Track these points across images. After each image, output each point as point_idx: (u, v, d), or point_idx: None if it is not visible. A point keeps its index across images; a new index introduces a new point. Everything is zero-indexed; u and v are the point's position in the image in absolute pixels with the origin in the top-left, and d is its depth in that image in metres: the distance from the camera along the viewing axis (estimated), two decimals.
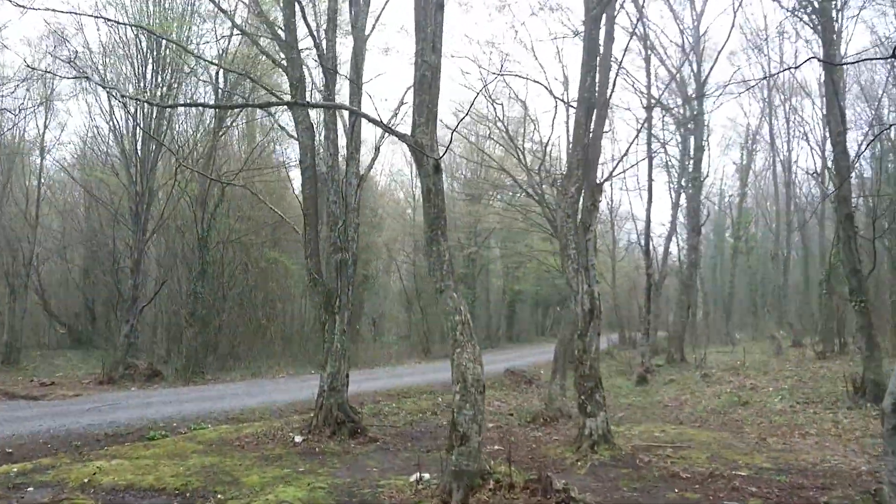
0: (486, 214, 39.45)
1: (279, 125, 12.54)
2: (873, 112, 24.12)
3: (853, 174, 21.72)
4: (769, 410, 12.82)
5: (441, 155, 6.86)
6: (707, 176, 23.61)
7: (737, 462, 8.53)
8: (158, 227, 21.92)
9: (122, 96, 17.15)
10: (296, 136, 12.45)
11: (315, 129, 11.49)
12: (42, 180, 26.63)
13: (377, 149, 12.48)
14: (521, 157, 23.21)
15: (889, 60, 19.48)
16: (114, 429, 12.39)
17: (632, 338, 34.84)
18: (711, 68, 22.50)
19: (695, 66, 22.30)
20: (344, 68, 11.84)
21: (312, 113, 11.44)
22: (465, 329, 6.71)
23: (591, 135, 10.35)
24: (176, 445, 10.28)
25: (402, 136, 7.11)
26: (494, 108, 22.24)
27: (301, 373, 25.06)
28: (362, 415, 12.01)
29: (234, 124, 23.94)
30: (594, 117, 10.50)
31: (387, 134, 12.72)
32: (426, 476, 7.22)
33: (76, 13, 14.50)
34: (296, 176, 33.81)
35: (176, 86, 21.72)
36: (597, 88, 10.47)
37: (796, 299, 32.65)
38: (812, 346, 22.49)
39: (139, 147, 20.74)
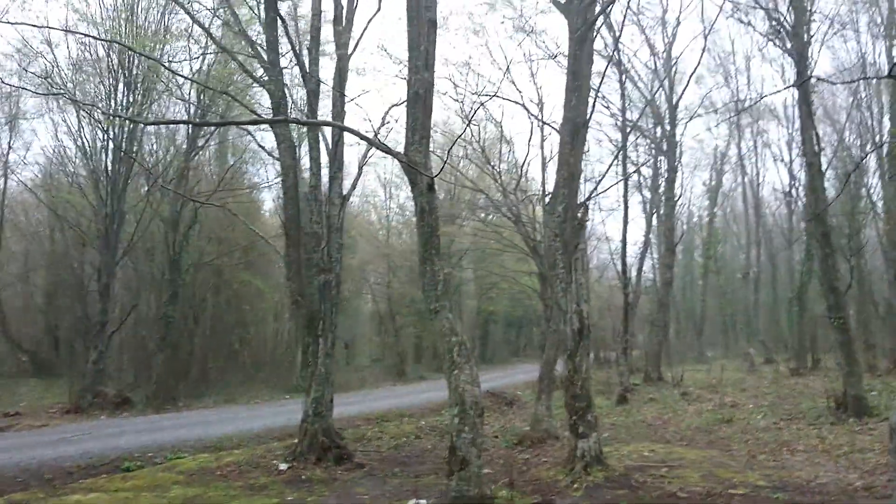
0: (460, 235, 39.51)
1: (259, 144, 12.33)
2: (837, 134, 24.82)
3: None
4: (753, 427, 12.85)
5: (436, 174, 6.76)
6: (680, 196, 23.96)
7: (731, 481, 8.47)
8: (129, 249, 21.39)
9: (104, 114, 16.69)
10: (276, 155, 12.30)
11: (296, 149, 11.30)
12: (5, 202, 25.94)
13: (360, 168, 12.35)
14: (498, 177, 23.30)
15: (851, 84, 20.04)
16: (87, 460, 11.90)
17: (606, 357, 34.92)
18: (683, 91, 22.89)
19: (667, 90, 22.69)
20: (325, 88, 11.71)
21: (293, 132, 11.26)
22: (462, 350, 6.57)
23: (574, 155, 10.36)
24: (155, 477, 9.89)
25: (395, 154, 6.99)
26: (470, 130, 22.32)
27: (275, 398, 24.56)
28: (347, 440, 11.73)
29: (206, 144, 23.55)
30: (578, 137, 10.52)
31: (367, 154, 12.63)
32: (423, 503, 7.01)
33: (48, 27, 14.08)
34: (267, 198, 33.62)
35: (147, 104, 21.34)
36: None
37: (766, 317, 33.15)
38: (786, 363, 22.76)
39: (109, 167, 20.27)
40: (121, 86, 20.66)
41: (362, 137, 6.99)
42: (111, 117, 16.65)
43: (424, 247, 6.79)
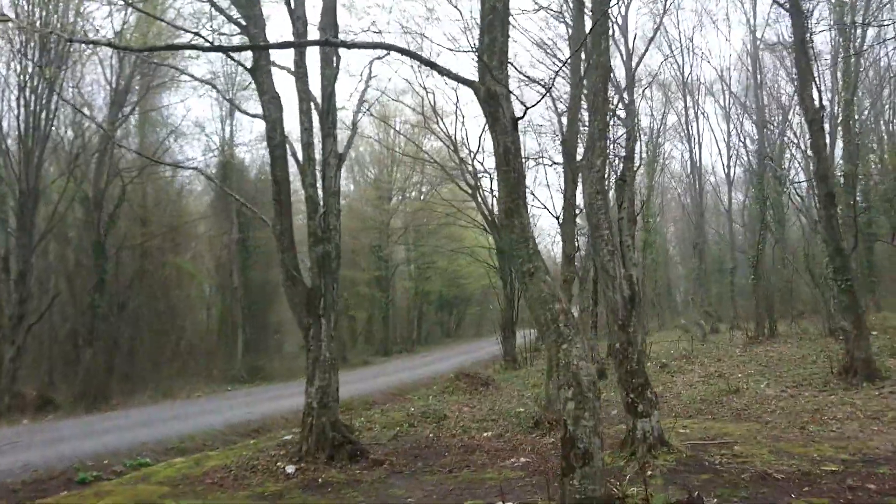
0: (397, 213, 38.09)
1: (227, 100, 10.56)
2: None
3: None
4: (765, 397, 12.35)
5: (534, 104, 5.50)
6: (639, 166, 23.49)
7: (809, 456, 7.74)
8: (49, 231, 18.82)
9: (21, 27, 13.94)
10: (246, 111, 10.63)
11: (281, 101, 9.69)
12: None
13: (354, 125, 10.81)
14: (455, 146, 22.12)
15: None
16: (30, 474, 10.00)
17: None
18: (641, 58, 22.30)
19: (624, 55, 22.07)
20: (312, 30, 10.11)
21: (277, 83, 9.65)
22: (570, 320, 5.40)
23: (606, 103, 9.31)
24: (135, 490, 8.22)
25: (469, 82, 5.68)
26: (428, 96, 21.03)
27: (218, 391, 22.57)
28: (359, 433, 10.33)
29: (132, 112, 21.08)
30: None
31: (359, 108, 11.13)
32: None
33: None
34: (190, 177, 30.94)
35: (65, 69, 18.73)
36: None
37: (711, 287, 33.69)
38: (741, 332, 22.87)
39: (24, 137, 17.64)
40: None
41: (413, 56, 5.63)
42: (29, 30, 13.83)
43: (510, 196, 5.54)
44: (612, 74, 23.00)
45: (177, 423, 14.70)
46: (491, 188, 23.33)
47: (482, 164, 22.80)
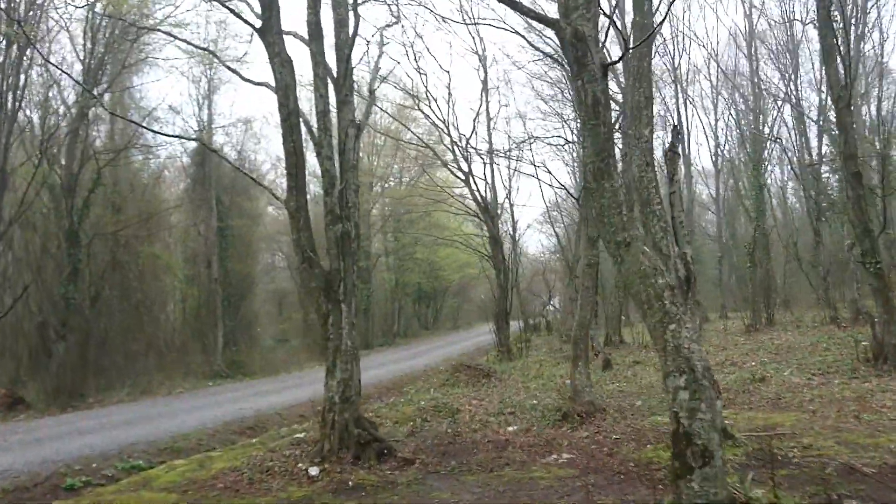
0: (377, 202, 37.10)
1: (227, 67, 9.57)
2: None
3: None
4: (794, 385, 11.84)
5: (636, 45, 4.72)
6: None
7: (881, 446, 7.17)
8: (18, 217, 17.51)
9: None
10: (253, 79, 9.68)
11: (293, 66, 8.77)
12: None
13: (371, 92, 9.90)
14: (447, 128, 21.28)
15: None
16: (12, 481, 8.97)
17: (538, 324, 34.04)
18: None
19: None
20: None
21: (287, 46, 8.71)
22: (676, 296, 4.66)
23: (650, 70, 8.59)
24: (139, 499, 7.28)
25: (552, 23, 4.89)
26: (421, 77, 20.12)
27: (199, 386, 21.49)
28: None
29: (106, 91, 19.77)
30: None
31: (375, 73, 10.26)
32: None
33: None
34: (163, 163, 29.52)
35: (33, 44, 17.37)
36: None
37: (701, 276, 33.50)
38: (742, 320, 22.53)
39: None
40: None
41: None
42: None
43: (599, 155, 4.78)
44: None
45: (164, 422, 13.70)
46: (483, 174, 22.58)
47: (475, 148, 21.85)
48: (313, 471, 7.57)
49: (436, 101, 20.84)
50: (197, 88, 25.02)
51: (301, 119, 8.78)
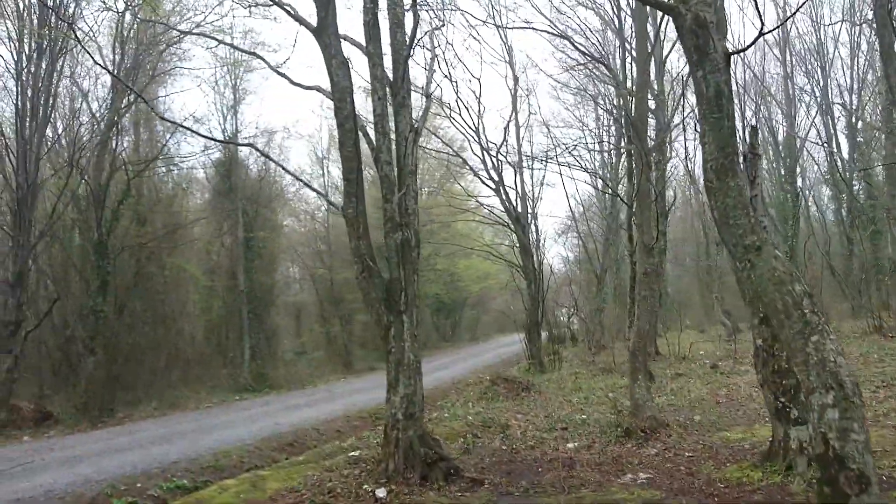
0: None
1: (276, 71, 9.27)
2: None
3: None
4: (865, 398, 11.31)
5: (761, 33, 4.36)
6: (669, 158, 22.46)
7: None
8: (49, 228, 17.27)
9: None
10: (300, 84, 9.37)
11: (349, 67, 8.45)
12: None
13: (428, 96, 9.56)
14: (477, 137, 20.93)
15: None
16: (57, 502, 8.61)
17: (563, 335, 33.46)
18: None
19: None
20: None
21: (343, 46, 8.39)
22: (817, 305, 4.24)
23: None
24: None
25: (668, 9, 4.52)
26: (452, 85, 19.83)
27: (227, 400, 21.12)
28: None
29: (134, 102, 19.56)
30: None
31: (430, 77, 9.92)
32: None
33: None
34: (187, 173, 29.30)
35: (63, 55, 17.22)
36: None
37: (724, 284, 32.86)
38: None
39: (20, 127, 16.09)
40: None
41: None
42: None
43: (723, 151, 4.40)
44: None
45: (200, 438, 13.32)
46: (514, 182, 22.21)
47: (505, 157, 21.48)
48: (380, 492, 7.15)
49: (467, 109, 20.41)
50: (222, 99, 24.82)
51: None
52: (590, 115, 28.78)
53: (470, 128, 20.52)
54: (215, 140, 15.01)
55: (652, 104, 14.05)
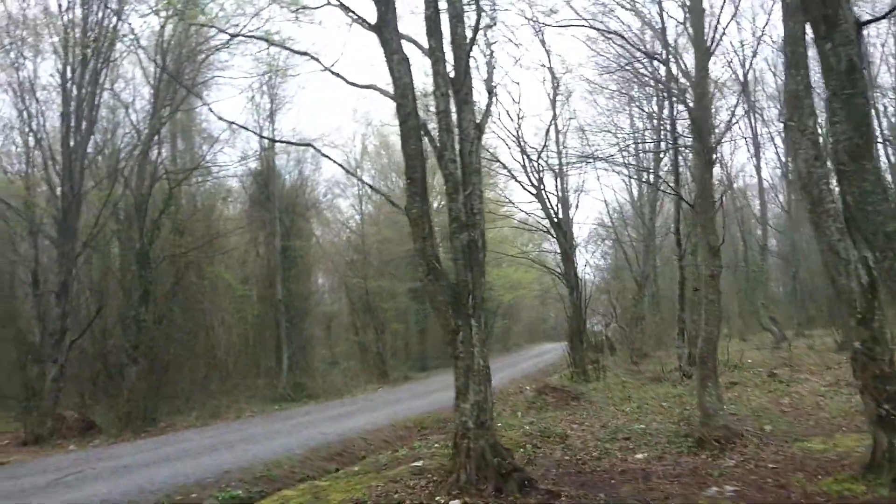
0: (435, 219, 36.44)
1: (331, 71, 9.05)
2: None
3: None
4: None
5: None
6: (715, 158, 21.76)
7: None
8: (92, 238, 17.27)
9: None
10: (355, 83, 9.13)
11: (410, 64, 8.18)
12: None
13: (490, 91, 9.27)
14: (519, 141, 20.59)
15: None
16: None
17: (601, 344, 32.86)
18: None
19: None
20: None
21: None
22: None
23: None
24: None
25: None
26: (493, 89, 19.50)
27: (266, 409, 20.95)
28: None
29: (176, 110, 19.59)
30: None
31: (490, 71, 9.62)
32: None
33: None
34: (221, 183, 29.32)
35: (105, 66, 17.26)
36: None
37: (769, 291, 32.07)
38: (833, 336, 21.23)
39: (66, 137, 16.13)
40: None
41: None
42: None
43: (858, 129, 4.04)
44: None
45: (248, 447, 13.08)
46: (556, 188, 21.83)
47: (546, 161, 21.11)
48: None
49: (507, 113, 20.12)
50: (258, 108, 24.81)
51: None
52: (626, 118, 28.44)
53: (510, 133, 20.18)
54: (276, 140, 14.95)
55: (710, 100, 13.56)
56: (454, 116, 8.24)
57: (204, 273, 23.40)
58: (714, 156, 11.21)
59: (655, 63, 14.95)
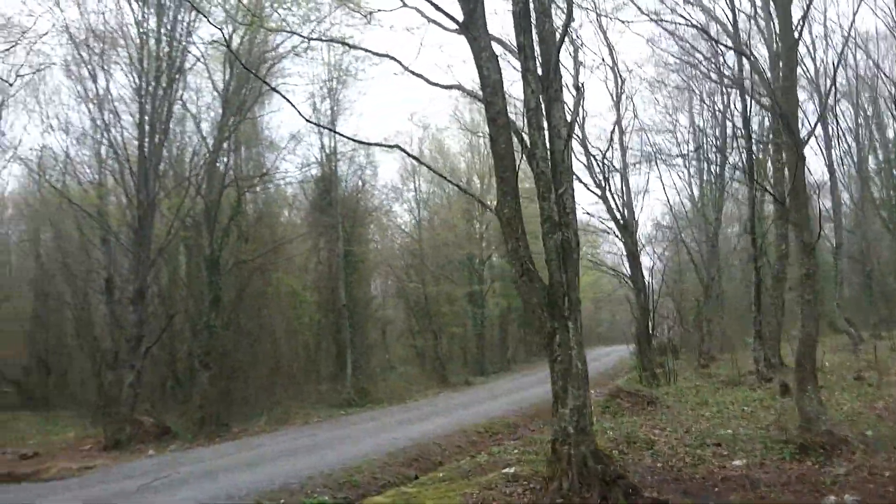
0: (491, 224, 36.22)
1: (410, 71, 8.97)
2: None
3: None
4: None
5: None
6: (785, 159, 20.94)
7: None
8: (166, 244, 17.63)
9: None
10: (441, 83, 9.02)
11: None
12: None
13: (579, 89, 9.09)
14: (586, 143, 20.26)
15: None
16: None
17: (661, 344, 32.13)
18: None
19: None
20: None
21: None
22: None
23: None
24: None
25: None
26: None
27: (332, 415, 21.01)
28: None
29: (244, 118, 19.88)
30: None
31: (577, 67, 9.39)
32: None
33: None
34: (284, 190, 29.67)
35: (178, 77, 17.64)
36: None
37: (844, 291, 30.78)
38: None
39: (140, 146, 16.52)
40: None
41: None
42: None
43: None
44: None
45: (324, 452, 13.10)
46: (621, 188, 21.41)
47: (611, 162, 20.72)
48: None
49: (570, 112, 19.74)
50: (319, 116, 25.03)
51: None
52: (686, 117, 27.78)
53: (576, 136, 19.87)
54: (360, 142, 15.14)
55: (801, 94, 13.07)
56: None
57: (269, 279, 23.67)
58: (804, 152, 10.74)
59: (723, 59, 14.54)
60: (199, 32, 19.50)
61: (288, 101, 8.12)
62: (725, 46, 12.97)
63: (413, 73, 9.06)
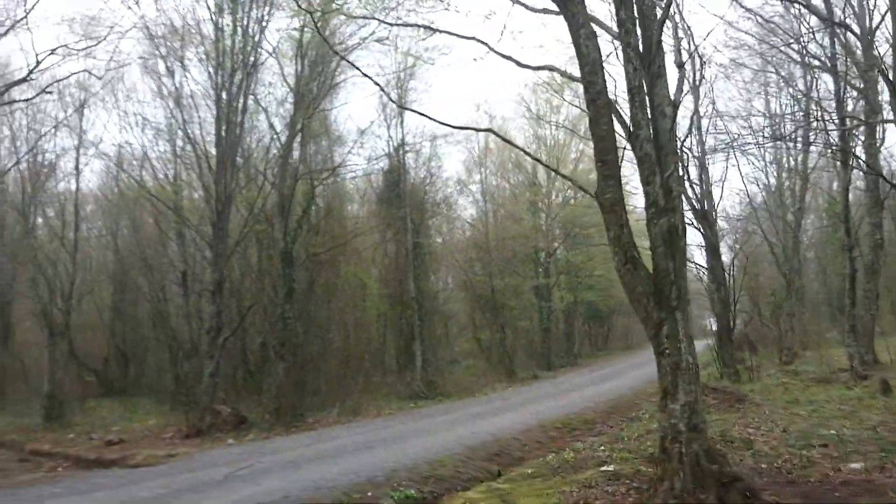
0: (557, 217, 35.67)
1: (499, 53, 8.62)
2: None
3: None
4: None
5: None
6: (882, 142, 19.75)
7: None
8: (243, 237, 17.84)
9: None
10: (529, 65, 8.66)
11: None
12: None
13: (680, 66, 8.61)
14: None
15: None
16: None
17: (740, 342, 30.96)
18: None
19: None
20: None
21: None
22: None
23: None
24: None
25: None
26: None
27: (403, 407, 20.96)
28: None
29: (315, 111, 19.94)
30: None
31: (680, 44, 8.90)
32: None
33: None
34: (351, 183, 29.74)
35: (252, 71, 17.79)
36: None
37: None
38: None
39: (219, 141, 16.73)
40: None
41: None
42: None
43: None
44: None
45: (403, 445, 12.94)
46: (699, 177, 20.54)
47: (689, 150, 19.89)
48: None
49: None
50: (385, 109, 24.99)
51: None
52: (762, 102, 26.59)
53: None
54: (455, 127, 14.77)
55: None
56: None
57: (338, 272, 23.76)
58: None
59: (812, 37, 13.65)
60: (271, 26, 19.67)
61: (375, 82, 7.92)
62: (829, 22, 12.13)
63: (501, 54, 8.73)
